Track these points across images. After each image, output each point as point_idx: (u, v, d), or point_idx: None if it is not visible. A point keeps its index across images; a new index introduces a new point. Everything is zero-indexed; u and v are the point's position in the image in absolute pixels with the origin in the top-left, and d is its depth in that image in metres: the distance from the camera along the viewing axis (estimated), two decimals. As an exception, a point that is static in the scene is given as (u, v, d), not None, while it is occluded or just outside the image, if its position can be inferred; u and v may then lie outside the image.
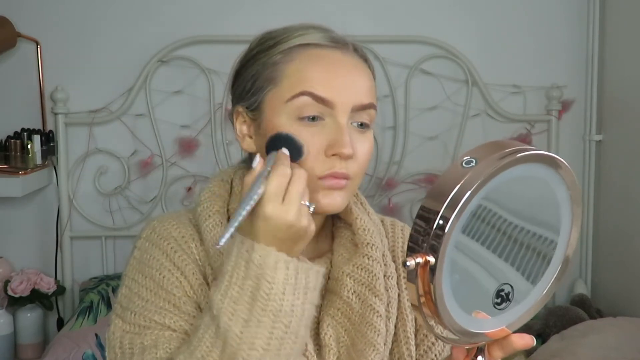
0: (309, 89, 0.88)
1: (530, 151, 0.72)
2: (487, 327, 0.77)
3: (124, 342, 0.89)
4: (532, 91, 2.54)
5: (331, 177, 0.88)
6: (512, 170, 0.71)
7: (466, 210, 0.69)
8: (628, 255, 2.32)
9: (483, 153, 0.72)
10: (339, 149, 0.87)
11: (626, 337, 1.95)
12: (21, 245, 2.49)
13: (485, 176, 0.69)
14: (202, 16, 2.46)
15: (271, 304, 0.78)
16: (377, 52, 2.43)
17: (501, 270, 0.76)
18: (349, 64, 0.91)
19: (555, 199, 0.76)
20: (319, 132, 0.88)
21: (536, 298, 0.80)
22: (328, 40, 0.92)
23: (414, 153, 2.53)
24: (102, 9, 2.44)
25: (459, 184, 0.70)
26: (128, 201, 2.49)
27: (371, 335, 0.91)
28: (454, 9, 2.52)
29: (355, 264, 0.94)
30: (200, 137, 2.46)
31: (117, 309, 0.93)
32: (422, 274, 0.71)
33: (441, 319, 0.73)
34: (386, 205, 2.53)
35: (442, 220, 0.69)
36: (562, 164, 0.75)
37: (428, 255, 0.70)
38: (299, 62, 0.89)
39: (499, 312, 0.77)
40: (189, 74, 2.44)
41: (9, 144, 2.36)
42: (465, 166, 0.71)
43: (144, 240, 0.95)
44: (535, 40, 2.54)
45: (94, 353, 2.02)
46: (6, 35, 2.32)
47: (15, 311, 2.37)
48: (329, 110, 0.88)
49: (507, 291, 0.77)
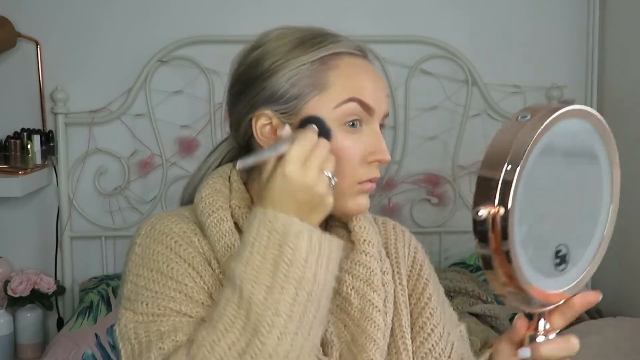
0: (359, 96, 0.92)
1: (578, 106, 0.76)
2: (551, 288, 0.78)
3: (139, 332, 0.87)
4: (532, 91, 2.54)
5: (368, 182, 0.94)
6: (563, 125, 0.74)
7: (529, 160, 0.71)
8: (628, 255, 2.32)
9: (534, 109, 0.74)
10: (382, 156, 0.94)
11: (626, 337, 1.95)
12: (21, 245, 2.49)
13: (544, 125, 0.72)
14: (202, 16, 2.46)
15: (293, 270, 0.79)
16: (377, 52, 2.43)
17: (557, 229, 0.77)
18: (376, 74, 0.97)
19: (597, 159, 0.80)
20: (359, 138, 0.93)
21: (589, 260, 0.81)
22: (356, 49, 0.96)
23: (414, 153, 2.53)
24: (102, 9, 2.44)
25: (519, 134, 0.72)
26: (128, 201, 2.49)
27: (371, 329, 0.92)
28: (454, 9, 2.52)
29: (353, 261, 0.95)
30: (200, 137, 2.46)
31: (125, 303, 0.91)
32: (493, 226, 0.72)
33: (514, 275, 0.73)
34: (386, 205, 2.53)
35: (511, 166, 0.71)
36: (603, 124, 0.78)
37: (497, 206, 0.71)
38: (341, 70, 0.93)
39: (559, 274, 0.78)
40: (189, 74, 2.44)
41: (8, 144, 2.36)
42: (521, 120, 0.74)
43: (144, 237, 0.94)
44: (535, 40, 2.54)
45: (94, 353, 2.02)
46: (6, 35, 2.32)
47: (15, 311, 2.37)
48: (368, 117, 0.93)
49: (564, 252, 0.78)
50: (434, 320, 1.01)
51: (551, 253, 0.77)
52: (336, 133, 0.91)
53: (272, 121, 0.93)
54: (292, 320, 0.79)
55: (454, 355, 1.01)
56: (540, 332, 0.82)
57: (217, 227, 0.92)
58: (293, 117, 0.92)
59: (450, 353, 1.01)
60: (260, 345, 0.78)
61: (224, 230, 0.92)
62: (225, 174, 0.99)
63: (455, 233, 2.58)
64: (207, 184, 0.97)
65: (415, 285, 1.03)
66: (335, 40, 0.95)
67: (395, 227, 1.07)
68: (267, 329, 0.78)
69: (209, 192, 0.96)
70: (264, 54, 0.95)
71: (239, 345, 0.78)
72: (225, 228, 0.92)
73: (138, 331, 0.87)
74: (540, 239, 0.76)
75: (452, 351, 1.01)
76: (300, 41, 0.94)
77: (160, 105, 2.45)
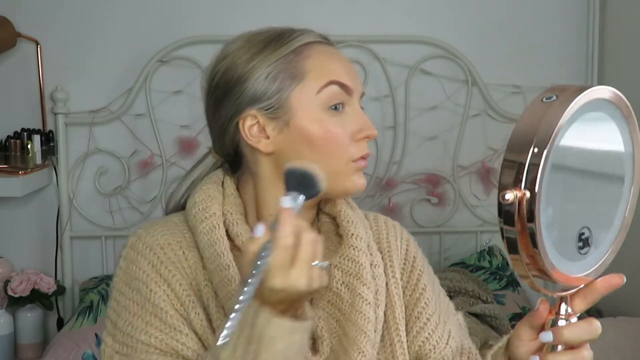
0: (336, 77, 0.95)
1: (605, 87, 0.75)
2: (574, 271, 0.78)
3: None
4: (532, 91, 2.53)
5: (362, 159, 0.96)
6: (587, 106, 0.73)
7: (555, 142, 0.71)
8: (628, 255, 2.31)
9: (560, 90, 0.73)
10: (369, 132, 0.96)
11: (626, 337, 1.95)
12: (21, 245, 2.49)
13: (570, 106, 0.71)
14: (202, 16, 2.46)
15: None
16: (377, 52, 2.43)
17: (580, 212, 0.77)
18: (344, 57, 1.00)
19: (620, 143, 0.78)
20: (344, 119, 0.95)
21: (610, 243, 0.81)
22: (322, 37, 0.99)
23: (414, 153, 2.53)
24: (102, 9, 2.44)
25: (546, 116, 0.71)
26: (128, 201, 2.49)
27: (361, 322, 0.94)
28: (454, 9, 2.52)
29: (342, 255, 0.97)
30: (200, 137, 2.46)
31: (108, 325, 0.95)
32: (519, 209, 0.71)
33: (539, 258, 0.73)
34: (386, 205, 2.53)
35: (537, 149, 0.70)
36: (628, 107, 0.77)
37: (523, 189, 0.70)
38: (315, 58, 0.96)
39: (582, 257, 0.78)
40: (189, 74, 2.44)
41: (8, 144, 2.36)
42: (546, 101, 0.73)
43: (130, 249, 0.96)
44: (535, 40, 2.54)
45: (94, 353, 2.02)
46: (6, 35, 2.32)
47: (15, 311, 2.37)
48: (348, 98, 0.96)
49: (587, 235, 0.78)
50: (429, 310, 1.02)
51: (575, 236, 0.77)
52: (325, 119, 0.94)
53: (259, 120, 0.95)
54: None
55: (452, 342, 1.02)
56: (563, 316, 0.82)
57: (208, 235, 0.93)
58: (279, 111, 0.94)
59: (448, 340, 1.02)
60: None
61: (214, 239, 0.93)
62: (219, 179, 1.00)
63: (455, 233, 2.58)
64: (200, 189, 0.99)
65: (409, 277, 1.04)
66: (302, 32, 0.98)
67: (386, 221, 1.09)
68: None
69: (203, 197, 0.97)
70: (236, 58, 0.97)
71: None
72: (217, 236, 0.93)
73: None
74: (564, 222, 0.75)
75: (450, 338, 1.02)
76: (269, 40, 0.97)
77: (160, 105, 2.44)
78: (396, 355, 0.98)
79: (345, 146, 0.94)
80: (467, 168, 2.55)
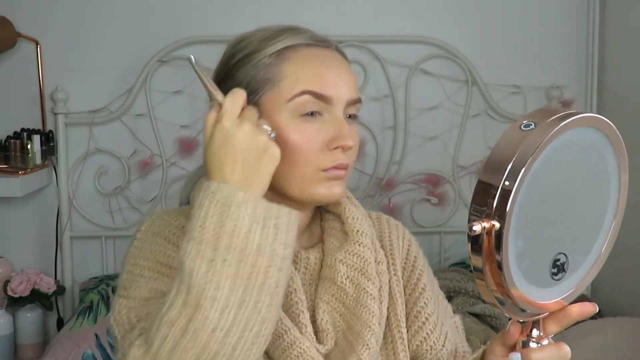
0: (310, 87, 0.92)
1: (586, 113, 0.73)
2: (546, 298, 0.77)
3: (131, 315, 0.88)
4: (532, 91, 2.54)
5: (334, 169, 0.93)
6: (569, 134, 0.71)
7: (529, 173, 0.69)
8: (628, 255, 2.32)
9: (539, 117, 0.71)
10: (343, 142, 0.92)
11: (626, 337, 1.95)
12: (21, 245, 2.49)
13: (547, 137, 0.69)
14: (202, 16, 2.46)
15: (235, 241, 0.76)
16: (377, 52, 2.43)
17: (557, 238, 0.76)
18: (337, 62, 0.96)
19: (605, 165, 0.77)
20: (319, 126, 0.92)
21: (589, 267, 0.80)
22: (314, 39, 0.96)
23: (414, 153, 2.53)
24: (102, 9, 2.45)
25: (521, 146, 0.69)
26: (128, 201, 2.49)
27: (366, 316, 0.94)
28: (454, 9, 2.52)
29: (347, 251, 0.97)
30: (200, 137, 2.45)
31: (120, 290, 0.92)
32: (487, 240, 0.70)
33: (505, 287, 0.72)
34: (386, 205, 2.53)
35: (508, 182, 0.69)
36: (612, 130, 0.76)
37: (493, 220, 0.69)
38: (295, 62, 0.93)
39: (556, 283, 0.77)
40: (189, 74, 2.44)
41: (8, 144, 2.36)
42: (524, 129, 0.71)
43: (144, 232, 0.96)
44: (535, 40, 2.55)
45: (94, 353, 2.02)
46: (6, 35, 2.32)
47: (15, 311, 2.37)
48: (327, 106, 0.93)
49: (562, 261, 0.77)
50: (428, 310, 1.02)
51: (549, 263, 0.76)
52: (295, 125, 0.91)
53: None
54: (235, 292, 0.76)
55: (448, 344, 1.03)
56: (534, 339, 0.82)
57: None
58: None
59: (444, 342, 1.03)
60: (202, 320, 0.76)
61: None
62: None
63: (455, 233, 2.58)
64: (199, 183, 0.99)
65: (410, 276, 1.05)
66: (295, 34, 0.96)
67: (388, 220, 1.09)
68: (209, 302, 0.75)
69: None
70: (233, 53, 0.98)
71: (181, 320, 0.76)
72: None
73: (130, 315, 0.88)
74: (538, 250, 0.74)
75: (446, 340, 1.03)
76: (264, 37, 0.96)
77: (160, 105, 2.45)
78: (397, 352, 0.99)
79: (313, 153, 0.92)
80: (467, 168, 2.55)
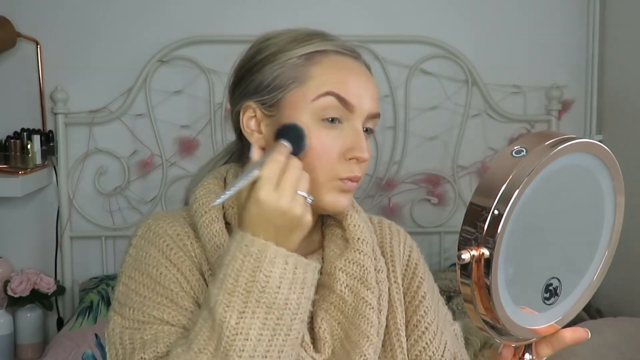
0: (336, 90, 0.92)
1: (579, 139, 0.72)
2: (538, 323, 0.77)
3: (124, 338, 0.90)
4: (532, 91, 2.54)
5: (348, 180, 0.93)
6: (561, 160, 0.71)
7: (520, 201, 0.69)
8: (628, 255, 2.32)
9: (531, 143, 0.71)
10: (359, 153, 0.92)
11: (626, 337, 1.95)
12: (21, 245, 2.49)
13: (538, 165, 0.69)
14: (202, 16, 2.46)
15: (265, 296, 0.80)
16: (377, 52, 2.43)
17: (550, 263, 0.75)
18: (364, 73, 0.97)
19: (599, 189, 0.77)
20: (338, 135, 0.93)
21: (582, 290, 0.80)
22: (344, 48, 0.97)
23: (414, 153, 2.53)
24: (102, 9, 2.44)
25: (511, 174, 0.69)
26: (128, 201, 2.49)
27: (364, 326, 0.94)
28: (454, 9, 2.52)
29: (347, 259, 0.96)
30: (200, 137, 2.46)
31: (115, 305, 0.94)
32: (476, 268, 0.70)
33: (495, 313, 0.72)
34: (386, 205, 2.53)
35: (497, 211, 0.68)
36: (607, 153, 0.75)
37: (482, 248, 0.69)
38: (323, 67, 0.94)
39: (548, 307, 0.77)
40: (189, 74, 2.44)
41: (8, 144, 2.36)
42: (515, 156, 0.70)
43: (140, 238, 0.97)
44: (535, 40, 2.55)
45: (94, 353, 2.02)
46: (6, 35, 2.32)
47: (15, 311, 2.37)
48: (348, 115, 0.93)
49: (555, 285, 0.77)
50: (428, 319, 1.02)
51: (541, 288, 0.75)
52: (314, 128, 0.92)
53: (257, 114, 0.96)
54: (261, 344, 0.81)
55: (447, 354, 1.02)
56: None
57: (208, 228, 0.94)
58: (273, 108, 0.94)
59: (444, 352, 1.02)
60: None
61: (214, 231, 0.94)
62: (221, 174, 1.01)
63: (455, 233, 2.58)
64: (201, 184, 0.99)
65: (410, 284, 1.04)
66: (326, 39, 0.97)
67: (390, 226, 1.08)
68: (237, 353, 0.80)
69: (203, 192, 0.98)
70: (259, 49, 0.98)
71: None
72: (216, 229, 0.94)
73: (123, 337, 0.90)
74: (529, 276, 0.74)
75: (445, 350, 1.02)
76: (293, 39, 0.96)
77: (160, 105, 2.45)
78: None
79: (331, 161, 0.92)
80: (467, 168, 2.55)
